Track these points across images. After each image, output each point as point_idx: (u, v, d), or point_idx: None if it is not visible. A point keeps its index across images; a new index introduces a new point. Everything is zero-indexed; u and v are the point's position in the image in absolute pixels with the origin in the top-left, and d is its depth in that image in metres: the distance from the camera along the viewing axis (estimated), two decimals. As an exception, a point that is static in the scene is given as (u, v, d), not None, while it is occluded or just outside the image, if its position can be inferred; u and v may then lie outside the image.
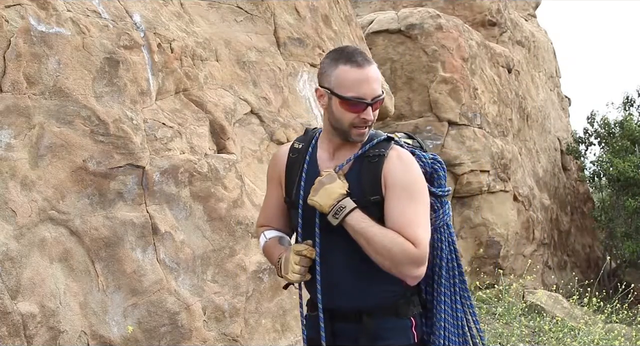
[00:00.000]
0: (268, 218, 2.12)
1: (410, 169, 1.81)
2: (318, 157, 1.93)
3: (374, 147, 1.86)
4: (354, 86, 1.77)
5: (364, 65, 1.77)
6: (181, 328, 3.09)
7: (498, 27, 10.02)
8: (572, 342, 5.46)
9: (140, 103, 3.19)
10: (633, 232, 9.93)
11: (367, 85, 1.77)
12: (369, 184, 1.81)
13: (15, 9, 2.71)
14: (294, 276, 1.85)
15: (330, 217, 1.76)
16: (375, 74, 1.80)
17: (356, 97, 1.77)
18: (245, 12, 4.31)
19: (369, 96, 1.78)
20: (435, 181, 1.92)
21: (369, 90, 1.77)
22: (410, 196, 1.77)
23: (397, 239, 1.72)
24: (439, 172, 1.92)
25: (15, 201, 2.60)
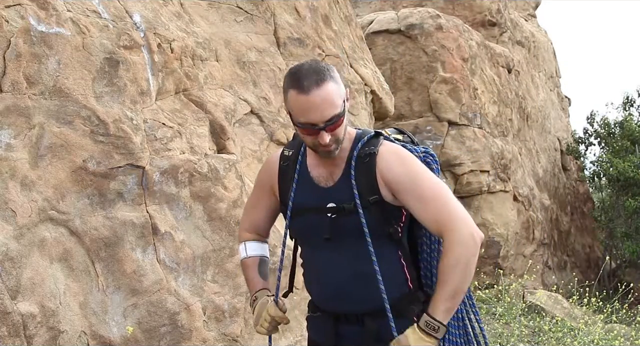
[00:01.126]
0: (254, 223, 2.13)
1: (407, 160, 1.81)
2: (308, 163, 1.93)
3: (364, 146, 1.84)
4: (303, 113, 1.73)
5: (310, 90, 1.70)
6: (181, 328, 3.09)
7: (498, 27, 10.02)
8: (572, 342, 5.46)
9: (140, 104, 3.19)
10: (633, 232, 9.93)
11: (315, 112, 1.71)
12: (365, 185, 1.79)
13: (15, 9, 2.71)
14: (261, 330, 1.95)
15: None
16: (323, 96, 1.70)
17: (307, 123, 1.74)
18: (245, 12, 4.31)
19: (320, 121, 1.72)
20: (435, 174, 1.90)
21: (317, 116, 1.72)
22: (421, 187, 1.76)
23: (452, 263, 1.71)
24: (432, 165, 1.89)
25: (15, 201, 2.60)
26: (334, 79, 1.75)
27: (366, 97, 5.58)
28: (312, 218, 1.87)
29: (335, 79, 1.76)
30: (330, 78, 1.74)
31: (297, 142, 1.98)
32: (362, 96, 5.43)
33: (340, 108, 1.75)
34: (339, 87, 1.76)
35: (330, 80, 1.74)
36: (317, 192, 1.87)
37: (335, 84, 1.75)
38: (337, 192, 1.84)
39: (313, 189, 1.89)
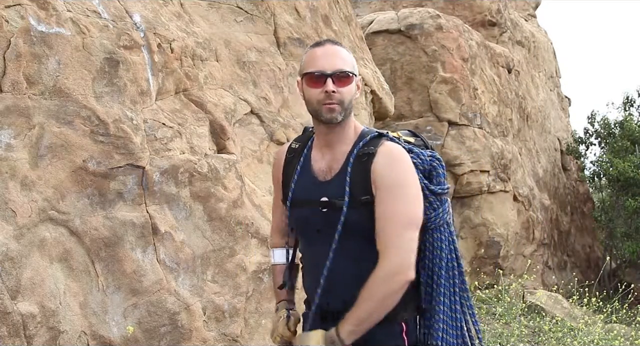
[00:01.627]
0: (278, 224, 2.16)
1: (397, 166, 1.79)
2: (312, 156, 1.95)
3: (365, 145, 1.84)
4: (314, 62, 1.83)
5: (325, 44, 1.84)
6: (181, 328, 3.09)
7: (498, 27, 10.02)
8: (572, 342, 5.46)
9: (140, 104, 3.19)
10: (633, 232, 9.93)
11: (326, 59, 1.81)
12: (359, 184, 1.80)
13: (15, 9, 2.71)
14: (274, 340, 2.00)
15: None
16: (336, 51, 1.83)
17: (316, 70, 1.81)
18: (245, 12, 4.31)
19: (328, 69, 1.80)
20: (435, 178, 1.88)
21: (327, 64, 1.80)
22: (393, 195, 1.75)
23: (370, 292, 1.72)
24: (438, 170, 1.88)
25: (15, 201, 2.60)
26: (349, 53, 1.89)
27: (366, 97, 5.58)
28: (306, 211, 1.89)
29: (350, 53, 1.89)
30: (346, 49, 1.88)
31: (306, 136, 2.02)
32: (362, 96, 5.43)
33: (349, 67, 1.83)
34: (352, 58, 1.88)
35: (346, 48, 1.88)
36: (315, 185, 1.89)
37: (350, 53, 1.88)
38: (332, 187, 1.84)
39: (312, 182, 1.91)
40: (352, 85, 1.84)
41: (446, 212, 1.88)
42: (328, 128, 1.87)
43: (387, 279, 1.71)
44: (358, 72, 1.89)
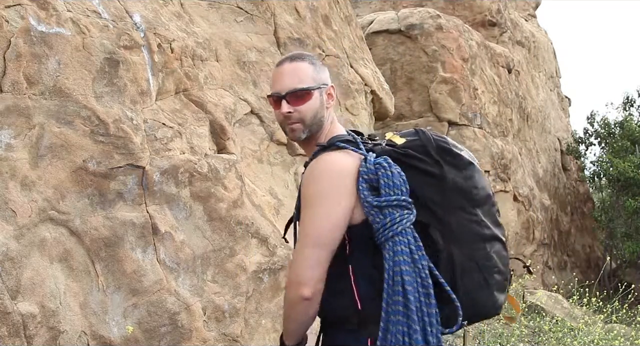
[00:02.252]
0: None
1: (311, 182, 1.72)
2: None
3: (312, 157, 1.80)
4: (273, 83, 1.84)
5: (283, 62, 1.83)
6: (181, 328, 3.09)
7: (498, 27, 10.02)
8: (572, 342, 5.46)
9: (140, 104, 3.19)
10: (633, 232, 9.94)
11: (280, 81, 1.81)
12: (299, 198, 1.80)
13: (15, 9, 2.71)
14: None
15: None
16: (292, 69, 1.80)
17: (272, 92, 1.83)
18: (245, 12, 4.31)
19: (282, 90, 1.80)
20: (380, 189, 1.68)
21: (281, 85, 1.80)
22: (304, 212, 1.72)
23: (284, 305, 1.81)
24: (381, 179, 1.68)
25: (15, 201, 2.60)
26: (313, 64, 1.83)
27: (366, 97, 5.58)
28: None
29: (314, 64, 1.83)
30: (308, 60, 1.83)
31: None
32: (362, 96, 5.43)
33: (305, 84, 1.79)
34: (314, 70, 1.82)
35: (307, 61, 1.82)
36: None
37: (310, 66, 1.82)
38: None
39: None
40: (313, 100, 1.79)
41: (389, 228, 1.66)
42: (301, 144, 1.89)
43: (287, 291, 1.75)
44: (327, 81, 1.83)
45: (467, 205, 1.73)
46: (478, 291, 1.71)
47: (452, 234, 1.70)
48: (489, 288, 1.72)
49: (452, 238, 1.70)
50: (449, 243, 1.70)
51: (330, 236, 1.70)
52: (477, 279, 1.71)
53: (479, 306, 1.72)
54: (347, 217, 1.71)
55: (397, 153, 1.75)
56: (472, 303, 1.70)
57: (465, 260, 1.70)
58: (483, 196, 1.77)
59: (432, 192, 1.71)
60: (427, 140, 1.79)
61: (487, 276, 1.72)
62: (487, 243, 1.74)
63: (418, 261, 1.66)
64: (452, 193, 1.72)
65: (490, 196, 1.81)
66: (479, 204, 1.76)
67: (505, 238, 1.82)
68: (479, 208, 1.76)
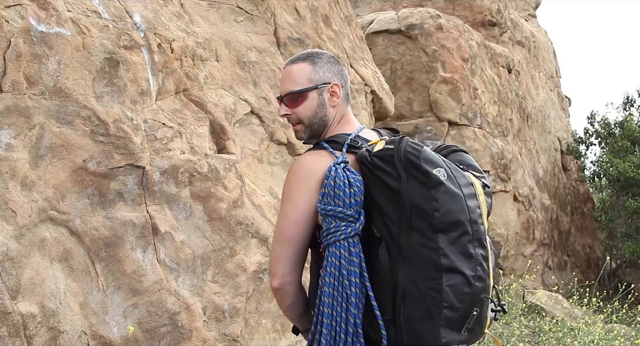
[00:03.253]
0: None
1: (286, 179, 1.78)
2: None
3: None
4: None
5: (285, 65, 1.88)
6: (181, 328, 3.09)
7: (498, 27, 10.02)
8: (572, 342, 5.46)
9: (140, 104, 3.19)
10: (633, 232, 9.93)
11: (281, 83, 1.89)
12: None
13: (15, 9, 2.71)
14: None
15: None
16: (287, 72, 1.85)
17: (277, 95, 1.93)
18: (245, 12, 4.31)
19: (281, 93, 1.87)
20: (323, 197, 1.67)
21: (281, 88, 1.88)
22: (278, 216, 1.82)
23: None
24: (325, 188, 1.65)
25: (15, 201, 2.60)
26: (313, 62, 1.83)
27: (366, 97, 5.58)
28: None
29: (315, 63, 1.83)
30: (309, 61, 1.83)
31: None
32: (362, 96, 5.43)
33: (298, 86, 1.82)
34: (312, 70, 1.82)
35: (308, 61, 1.83)
36: None
37: (309, 66, 1.82)
38: None
39: None
40: (310, 100, 1.81)
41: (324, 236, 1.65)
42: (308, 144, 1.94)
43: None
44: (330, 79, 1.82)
45: (425, 228, 1.56)
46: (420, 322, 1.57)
47: (400, 255, 1.57)
48: (434, 322, 1.56)
49: (399, 259, 1.58)
50: (395, 264, 1.58)
51: (291, 233, 1.73)
52: (420, 309, 1.57)
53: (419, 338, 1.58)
54: (309, 215, 1.71)
55: (366, 161, 1.66)
56: (411, 332, 1.58)
57: (410, 284, 1.57)
58: (448, 221, 1.58)
59: (389, 207, 1.60)
60: (397, 151, 1.62)
61: (433, 309, 1.56)
62: (443, 273, 1.56)
63: (346, 276, 1.62)
64: (410, 212, 1.57)
65: (461, 223, 1.60)
66: (441, 230, 1.57)
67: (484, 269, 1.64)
68: (440, 234, 1.57)
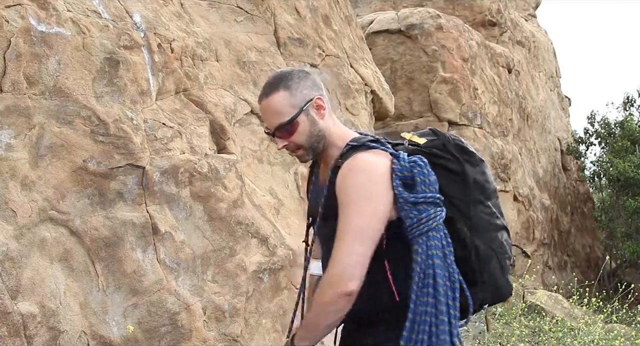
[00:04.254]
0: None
1: (353, 180, 1.76)
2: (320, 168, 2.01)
3: (340, 157, 1.83)
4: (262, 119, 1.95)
5: (261, 100, 1.87)
6: (181, 328, 3.09)
7: (498, 27, 10.02)
8: (572, 342, 5.46)
9: (140, 104, 3.19)
10: (633, 232, 9.93)
11: (265, 119, 1.88)
12: (330, 197, 1.82)
13: (15, 9, 2.71)
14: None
15: None
16: (269, 106, 1.83)
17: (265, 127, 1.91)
18: (246, 12, 4.31)
19: (270, 128, 1.86)
20: (416, 186, 1.76)
21: (267, 122, 1.87)
22: (348, 208, 1.75)
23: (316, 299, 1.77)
24: (417, 177, 1.76)
25: (15, 201, 2.60)
26: (288, 87, 1.82)
27: (366, 97, 5.58)
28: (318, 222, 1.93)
29: (290, 88, 1.82)
30: (283, 87, 1.82)
31: None
32: (362, 96, 5.43)
33: (287, 117, 1.81)
34: (291, 96, 1.82)
35: (282, 89, 1.82)
36: (318, 197, 1.93)
37: (286, 93, 1.82)
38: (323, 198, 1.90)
39: (317, 193, 1.96)
40: (301, 126, 1.82)
41: (424, 223, 1.74)
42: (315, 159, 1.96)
43: (328, 287, 1.72)
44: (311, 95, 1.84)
45: (483, 198, 1.86)
46: (499, 276, 1.86)
47: (474, 227, 1.83)
48: (504, 273, 1.88)
49: (474, 231, 1.83)
50: (473, 236, 1.82)
51: (375, 232, 1.76)
52: (495, 265, 1.85)
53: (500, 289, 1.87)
54: (388, 213, 1.77)
55: (423, 153, 1.83)
56: (495, 287, 1.85)
57: (486, 249, 1.84)
58: (493, 189, 1.91)
59: (456, 189, 1.82)
60: (446, 140, 1.89)
61: (502, 262, 1.87)
62: (499, 232, 1.89)
63: (448, 256, 1.76)
64: (472, 189, 1.84)
65: (496, 189, 1.96)
66: (491, 197, 1.90)
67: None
68: (490, 201, 1.89)
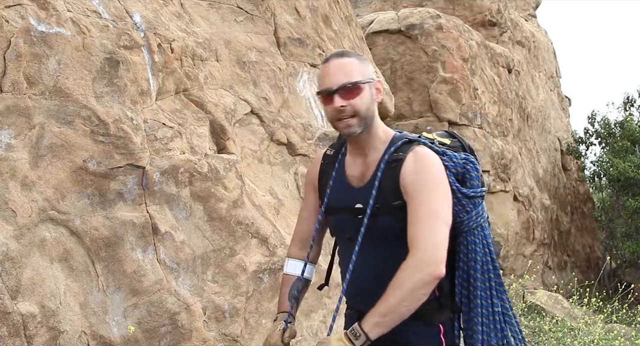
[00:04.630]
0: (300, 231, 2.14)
1: (424, 170, 1.81)
2: (345, 163, 1.99)
3: (396, 151, 1.87)
4: (322, 80, 1.87)
5: (330, 59, 1.87)
6: (181, 328, 3.09)
7: (498, 27, 10.02)
8: (572, 342, 5.46)
9: (140, 104, 3.19)
10: (633, 232, 9.94)
11: (329, 77, 1.85)
12: (390, 190, 1.82)
13: (15, 9, 2.71)
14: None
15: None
16: (340, 65, 1.84)
17: (323, 88, 1.86)
18: (246, 12, 4.31)
19: (333, 85, 1.83)
20: (468, 182, 1.89)
21: (332, 81, 1.84)
22: (423, 197, 1.77)
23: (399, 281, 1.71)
24: (471, 173, 1.89)
25: (15, 201, 2.60)
26: (359, 59, 1.89)
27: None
28: (342, 217, 1.93)
29: (361, 60, 1.89)
30: (354, 57, 1.88)
31: (340, 143, 2.06)
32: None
33: (355, 78, 1.83)
34: (361, 65, 1.87)
35: (354, 58, 1.88)
36: (349, 192, 1.92)
37: (358, 62, 1.87)
38: (365, 194, 1.87)
39: (346, 188, 1.94)
40: (365, 93, 1.85)
41: (479, 215, 1.89)
42: (353, 139, 1.91)
43: (417, 269, 1.70)
44: (373, 76, 1.89)
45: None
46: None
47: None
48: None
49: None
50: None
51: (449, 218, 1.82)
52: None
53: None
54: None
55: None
56: None
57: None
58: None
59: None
60: (463, 141, 2.02)
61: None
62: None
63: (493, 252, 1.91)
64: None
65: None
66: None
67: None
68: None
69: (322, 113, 4.64)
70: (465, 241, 1.88)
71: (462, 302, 1.91)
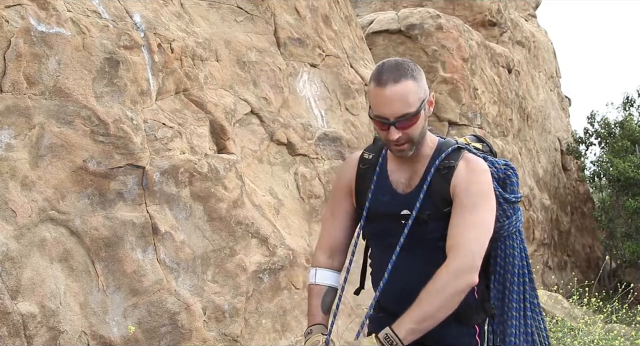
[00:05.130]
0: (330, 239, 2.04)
1: (477, 178, 1.81)
2: (388, 168, 1.94)
3: (446, 158, 1.86)
4: (377, 106, 1.77)
5: (386, 84, 1.74)
6: (181, 328, 3.09)
7: (498, 27, 10.02)
8: (572, 342, 5.45)
9: (141, 104, 3.19)
10: (633, 232, 9.93)
11: (387, 106, 1.75)
12: (440, 197, 1.82)
13: (15, 9, 2.71)
14: None
15: None
16: (398, 92, 1.73)
17: (378, 116, 1.78)
18: (246, 12, 4.31)
19: (390, 116, 1.75)
20: (508, 187, 1.93)
21: (388, 111, 1.75)
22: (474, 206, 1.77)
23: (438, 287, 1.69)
24: (512, 178, 1.93)
25: (15, 201, 2.60)
26: (415, 78, 1.77)
27: (366, 97, 5.58)
28: (386, 223, 1.90)
29: (417, 79, 1.77)
30: (411, 77, 1.76)
31: (378, 147, 2.01)
32: (362, 96, 5.43)
33: (414, 108, 1.75)
34: (418, 87, 1.77)
35: (411, 78, 1.75)
36: (394, 198, 1.89)
37: (415, 84, 1.76)
38: (413, 200, 1.84)
39: (390, 194, 1.91)
40: (420, 120, 1.79)
41: (518, 220, 1.93)
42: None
43: (457, 276, 1.69)
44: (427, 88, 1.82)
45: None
46: None
47: None
48: None
49: None
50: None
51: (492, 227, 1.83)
52: None
53: None
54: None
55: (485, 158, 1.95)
56: None
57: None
58: None
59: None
60: (491, 145, 2.06)
61: None
62: None
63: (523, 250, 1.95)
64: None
65: None
66: None
67: None
68: None
69: (322, 113, 4.65)
70: (504, 245, 1.92)
71: (495, 305, 1.94)
